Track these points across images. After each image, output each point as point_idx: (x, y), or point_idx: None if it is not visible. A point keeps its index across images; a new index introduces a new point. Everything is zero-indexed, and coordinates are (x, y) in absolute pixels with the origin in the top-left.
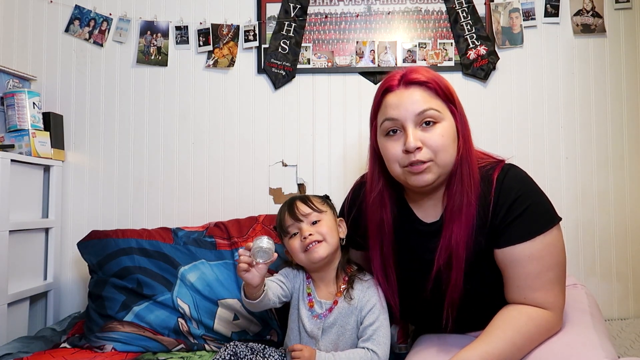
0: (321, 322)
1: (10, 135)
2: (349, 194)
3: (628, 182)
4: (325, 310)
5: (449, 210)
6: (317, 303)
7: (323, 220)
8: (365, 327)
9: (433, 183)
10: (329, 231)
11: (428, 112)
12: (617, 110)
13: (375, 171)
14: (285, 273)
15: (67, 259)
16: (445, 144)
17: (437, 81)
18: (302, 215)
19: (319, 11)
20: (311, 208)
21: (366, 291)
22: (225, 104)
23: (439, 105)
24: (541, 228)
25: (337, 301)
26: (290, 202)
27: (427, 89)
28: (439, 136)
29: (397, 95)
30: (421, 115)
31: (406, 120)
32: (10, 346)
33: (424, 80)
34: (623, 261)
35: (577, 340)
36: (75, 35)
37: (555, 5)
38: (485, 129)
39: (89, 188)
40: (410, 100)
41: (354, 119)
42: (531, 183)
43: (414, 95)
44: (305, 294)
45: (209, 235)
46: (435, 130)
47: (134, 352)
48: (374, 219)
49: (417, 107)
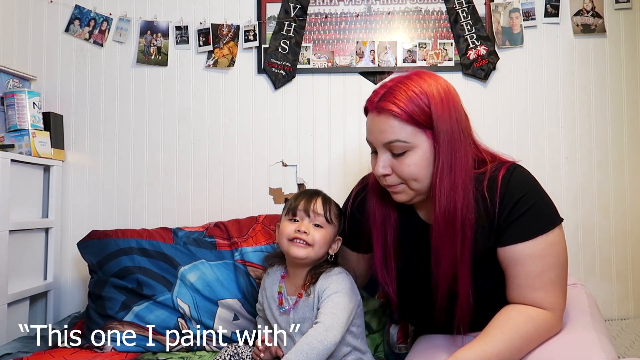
0: (289, 317)
1: (10, 135)
2: (350, 198)
3: (628, 182)
4: (292, 305)
5: (433, 223)
6: (285, 300)
7: (324, 230)
8: (319, 307)
9: (409, 202)
10: (322, 242)
11: (394, 143)
12: (617, 110)
13: None
14: (262, 287)
15: (67, 259)
16: (414, 172)
17: (409, 112)
18: (313, 212)
19: (319, 11)
20: (324, 214)
21: (327, 279)
22: (225, 104)
23: (410, 135)
24: (543, 228)
25: (302, 294)
26: (315, 193)
27: (396, 118)
28: (406, 166)
29: (371, 119)
30: (388, 146)
31: (377, 145)
32: (10, 346)
33: (393, 111)
34: (623, 261)
35: (577, 340)
36: (75, 35)
37: (555, 5)
38: (485, 129)
39: (89, 188)
40: (379, 129)
41: (354, 119)
42: (535, 183)
43: (382, 125)
44: (276, 293)
45: (209, 235)
46: (404, 160)
47: (134, 352)
48: (378, 216)
49: (383, 137)
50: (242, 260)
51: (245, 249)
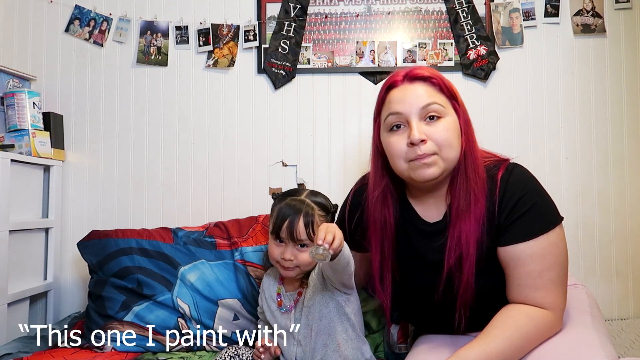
0: (290, 317)
1: (10, 135)
2: (349, 198)
3: (628, 182)
4: (292, 304)
5: (455, 208)
6: (286, 298)
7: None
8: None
9: (438, 177)
10: (308, 259)
11: (432, 106)
12: (617, 110)
13: (378, 169)
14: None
15: (67, 259)
16: (450, 138)
17: (441, 77)
18: (296, 237)
19: (319, 11)
20: (307, 235)
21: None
22: (225, 104)
23: (443, 101)
24: (543, 227)
25: (302, 292)
26: (296, 211)
27: (431, 84)
28: (443, 130)
29: (402, 90)
30: (425, 109)
31: (410, 114)
32: (10, 346)
33: (427, 76)
34: (623, 261)
35: (577, 340)
36: (75, 35)
37: (555, 5)
38: (485, 129)
39: (89, 188)
40: (415, 94)
41: (354, 119)
42: (535, 183)
43: (418, 90)
44: (275, 294)
45: (209, 235)
46: (439, 124)
47: (134, 352)
48: (377, 217)
49: (421, 101)
50: (242, 260)
51: (246, 249)
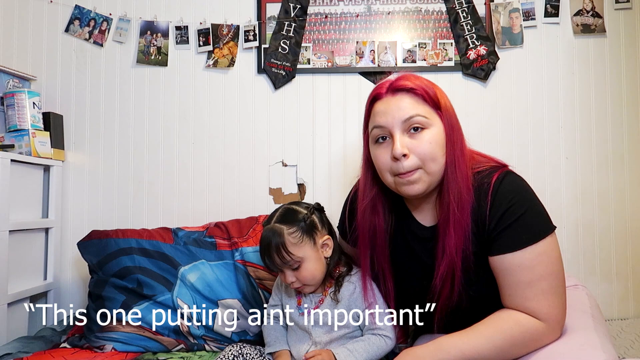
0: (310, 317)
1: (10, 135)
2: (347, 201)
3: (628, 182)
4: (312, 307)
5: (442, 217)
6: (306, 300)
7: (303, 264)
8: (368, 320)
9: (424, 192)
10: (312, 273)
11: (415, 118)
12: (617, 110)
13: (368, 179)
14: (278, 282)
15: (67, 258)
16: (433, 151)
17: (424, 88)
18: (282, 267)
19: (319, 11)
20: (290, 260)
21: (353, 292)
22: (225, 104)
23: (427, 112)
24: (532, 238)
25: (323, 299)
26: (266, 252)
27: (414, 95)
28: (426, 143)
29: (385, 102)
30: (408, 122)
31: (393, 127)
32: (10, 346)
33: (411, 87)
34: (623, 261)
35: (578, 341)
36: (75, 35)
37: (555, 5)
38: (485, 129)
39: (89, 188)
40: (397, 106)
41: (354, 119)
42: (526, 191)
43: (401, 102)
44: (294, 293)
45: (209, 236)
46: (423, 136)
47: (134, 352)
48: (366, 226)
49: (403, 113)
50: (242, 260)
51: (246, 249)
